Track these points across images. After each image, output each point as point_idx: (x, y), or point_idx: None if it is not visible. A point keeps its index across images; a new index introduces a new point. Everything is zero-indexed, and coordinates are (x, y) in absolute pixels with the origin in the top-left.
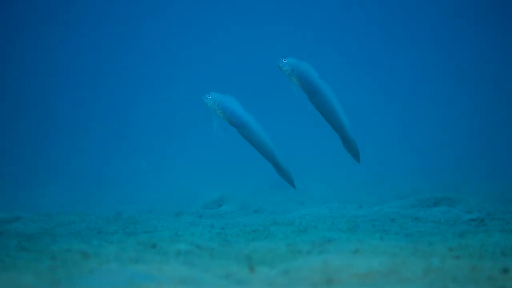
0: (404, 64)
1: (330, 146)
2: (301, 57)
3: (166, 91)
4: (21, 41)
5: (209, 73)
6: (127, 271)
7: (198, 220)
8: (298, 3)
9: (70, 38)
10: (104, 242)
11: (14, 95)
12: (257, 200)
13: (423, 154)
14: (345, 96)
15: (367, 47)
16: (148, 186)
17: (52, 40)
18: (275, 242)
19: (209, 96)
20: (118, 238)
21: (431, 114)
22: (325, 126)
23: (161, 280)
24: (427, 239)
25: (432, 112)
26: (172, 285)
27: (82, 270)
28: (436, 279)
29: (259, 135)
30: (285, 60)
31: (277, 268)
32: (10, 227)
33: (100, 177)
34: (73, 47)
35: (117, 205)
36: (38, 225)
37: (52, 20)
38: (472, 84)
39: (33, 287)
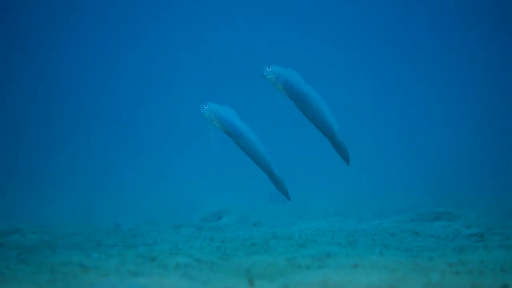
0: (406, 75)
1: (330, 160)
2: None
3: (166, 103)
4: (21, 48)
5: (210, 84)
6: (127, 284)
7: (198, 233)
8: (300, 5)
9: (69, 48)
10: (103, 254)
11: (15, 105)
12: (257, 213)
13: (423, 168)
14: (346, 109)
15: (368, 56)
16: (148, 198)
17: (52, 52)
18: (275, 256)
19: (205, 106)
20: (118, 251)
21: (432, 129)
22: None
23: None
24: (427, 254)
25: (433, 126)
26: None
27: (82, 283)
28: None
29: (255, 145)
30: (269, 68)
31: (276, 282)
32: (9, 239)
33: (100, 188)
34: (71, 64)
35: (116, 216)
36: (38, 236)
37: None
38: (473, 97)
39: None
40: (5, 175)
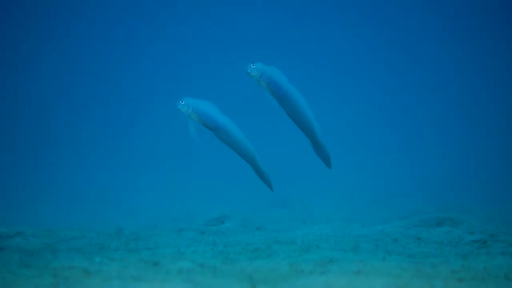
0: (408, 82)
1: (333, 165)
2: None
3: (167, 107)
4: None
5: (212, 86)
6: None
7: (200, 237)
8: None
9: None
10: (106, 259)
11: (16, 109)
12: (260, 218)
13: (426, 174)
14: (349, 115)
15: (372, 60)
16: (150, 202)
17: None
18: (277, 261)
19: (182, 102)
20: (120, 255)
21: (435, 135)
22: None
23: None
24: (430, 261)
25: (436, 133)
26: None
27: (84, 287)
28: None
29: (236, 137)
30: (253, 65)
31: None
32: (11, 242)
33: (103, 192)
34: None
35: (119, 220)
36: (40, 240)
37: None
38: (476, 104)
39: None
40: (8, 178)
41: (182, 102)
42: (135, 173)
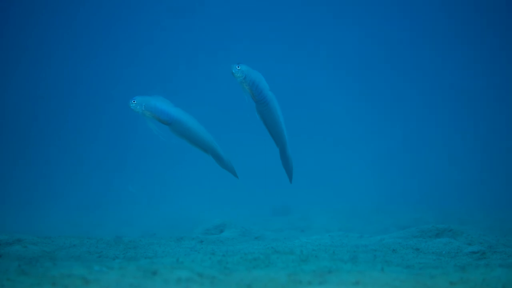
0: (406, 90)
1: (332, 175)
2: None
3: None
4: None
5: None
6: None
7: (199, 246)
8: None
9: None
10: (104, 267)
11: (17, 116)
12: (259, 227)
13: (425, 184)
14: (345, 122)
15: (371, 68)
16: (149, 210)
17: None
18: (276, 271)
19: (134, 101)
20: (119, 264)
21: (435, 145)
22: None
23: None
24: (429, 272)
25: (436, 143)
26: None
27: None
28: None
29: (193, 128)
30: (238, 67)
31: None
32: (10, 250)
33: (102, 200)
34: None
35: (118, 228)
36: (39, 248)
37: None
38: (478, 113)
39: None
40: (7, 185)
41: (134, 101)
42: (133, 179)
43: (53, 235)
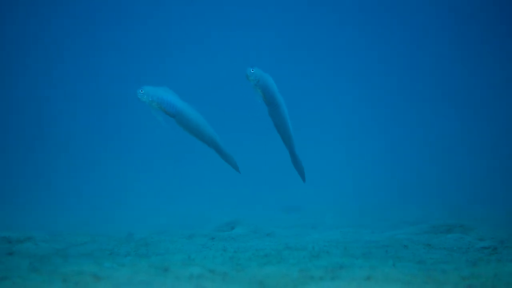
0: (416, 80)
1: (340, 172)
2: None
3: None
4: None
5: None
6: None
7: (211, 242)
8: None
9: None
10: (116, 264)
11: (29, 114)
12: (270, 224)
13: (436, 180)
14: (353, 118)
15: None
16: (160, 207)
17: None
18: (288, 267)
19: (141, 91)
20: (130, 261)
21: (445, 141)
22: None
23: None
24: (440, 267)
25: (446, 139)
26: None
27: None
28: None
29: (197, 121)
30: (252, 70)
31: None
32: (21, 247)
33: (113, 197)
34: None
35: (129, 225)
36: (50, 245)
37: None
38: (489, 109)
39: None
40: (18, 183)
41: (141, 91)
42: (144, 175)
43: (64, 232)
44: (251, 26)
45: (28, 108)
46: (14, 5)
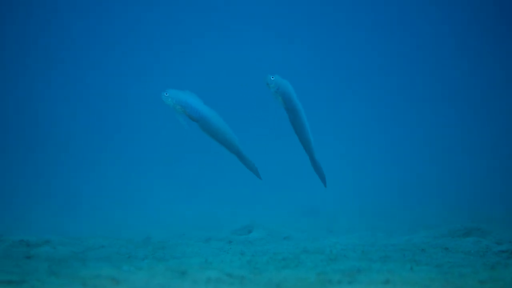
0: (430, 79)
1: (357, 175)
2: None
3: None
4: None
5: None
6: None
7: (228, 246)
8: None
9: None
10: (133, 267)
11: (45, 116)
12: (287, 227)
13: (453, 183)
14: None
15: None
16: (177, 210)
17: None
18: (305, 271)
19: (166, 93)
20: (148, 264)
21: (463, 144)
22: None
23: None
24: (458, 271)
25: (465, 141)
26: None
27: None
28: None
29: (220, 127)
30: (272, 77)
31: None
32: (39, 251)
33: (130, 200)
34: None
35: (146, 228)
36: (68, 248)
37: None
38: (507, 103)
39: None
40: (35, 186)
41: (166, 93)
42: (160, 178)
43: (82, 236)
44: (252, 26)
45: (42, 109)
46: (14, 4)
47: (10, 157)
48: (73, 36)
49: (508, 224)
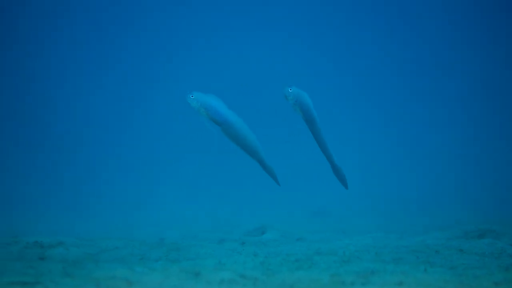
0: (443, 83)
1: (371, 176)
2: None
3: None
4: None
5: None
6: None
7: (241, 247)
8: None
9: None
10: (147, 269)
11: (59, 118)
12: (299, 228)
13: (467, 184)
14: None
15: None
16: (189, 211)
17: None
18: (318, 272)
19: (191, 96)
20: (162, 265)
21: (477, 146)
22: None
23: None
24: (472, 273)
25: (478, 143)
26: None
27: None
28: None
29: (243, 133)
30: (290, 89)
31: None
32: (53, 252)
33: (143, 201)
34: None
35: (159, 229)
36: (82, 250)
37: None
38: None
39: None
40: (49, 187)
41: (192, 96)
42: (173, 180)
43: (95, 237)
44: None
45: (54, 111)
46: (21, 4)
47: (23, 160)
48: (81, 39)
49: None
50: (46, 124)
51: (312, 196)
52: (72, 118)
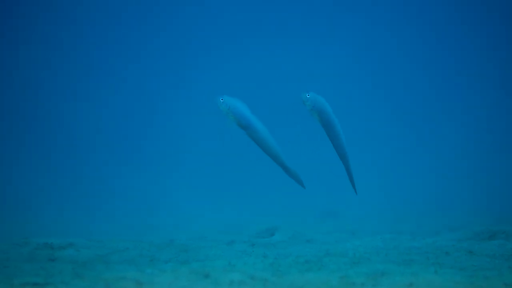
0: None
1: (379, 177)
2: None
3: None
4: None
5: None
6: None
7: (251, 249)
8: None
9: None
10: (157, 270)
11: (64, 117)
12: (309, 230)
13: (478, 185)
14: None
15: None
16: (199, 213)
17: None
18: (328, 274)
19: (222, 99)
20: (171, 267)
21: (486, 147)
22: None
23: None
24: (483, 274)
25: (486, 145)
26: None
27: None
28: None
29: (266, 137)
30: (308, 95)
31: None
32: (64, 254)
33: (153, 203)
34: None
35: (169, 231)
36: (92, 251)
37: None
38: None
39: None
40: (59, 188)
41: (222, 99)
42: (184, 181)
43: (105, 239)
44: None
45: (68, 113)
46: (28, 4)
47: (34, 161)
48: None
49: None
50: (60, 125)
51: (323, 197)
52: (88, 119)
